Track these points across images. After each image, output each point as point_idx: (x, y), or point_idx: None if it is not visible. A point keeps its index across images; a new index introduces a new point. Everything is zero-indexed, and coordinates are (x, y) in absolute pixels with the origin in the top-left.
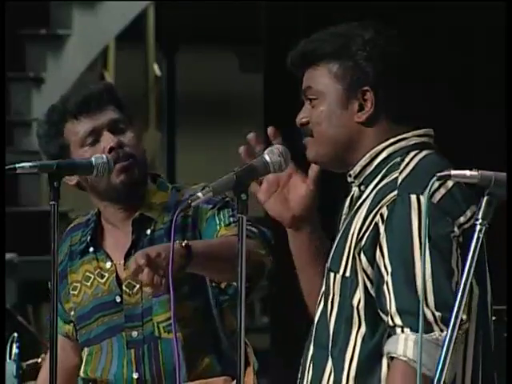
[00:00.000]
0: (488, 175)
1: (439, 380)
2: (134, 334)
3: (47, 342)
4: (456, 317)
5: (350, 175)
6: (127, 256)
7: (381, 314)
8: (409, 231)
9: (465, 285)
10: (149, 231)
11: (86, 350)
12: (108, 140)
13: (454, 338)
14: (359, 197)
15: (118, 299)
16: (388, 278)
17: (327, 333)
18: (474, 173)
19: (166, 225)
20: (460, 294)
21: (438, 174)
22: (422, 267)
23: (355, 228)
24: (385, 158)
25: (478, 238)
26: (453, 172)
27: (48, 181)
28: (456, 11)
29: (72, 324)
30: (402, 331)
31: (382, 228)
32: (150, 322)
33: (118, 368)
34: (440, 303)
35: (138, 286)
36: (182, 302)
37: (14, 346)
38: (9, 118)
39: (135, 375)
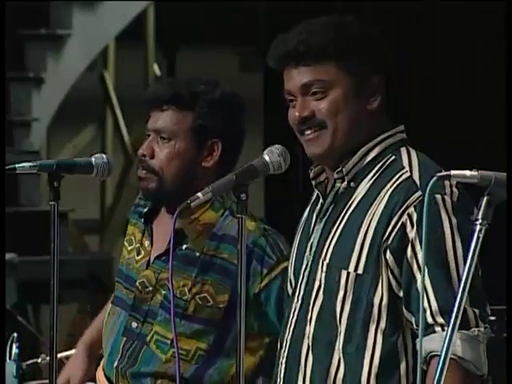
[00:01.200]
0: (488, 175)
1: (439, 380)
2: (134, 324)
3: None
4: (456, 316)
5: (339, 171)
6: (156, 258)
7: (405, 312)
8: (441, 231)
9: (465, 284)
10: (184, 247)
11: (110, 305)
12: (143, 146)
13: (453, 337)
14: (350, 193)
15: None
16: (424, 278)
17: (334, 329)
18: (474, 173)
19: (201, 257)
20: (460, 293)
21: (438, 175)
22: (455, 265)
23: (370, 226)
24: (376, 155)
25: (478, 237)
26: (453, 172)
27: (48, 181)
28: (456, 8)
29: None
30: (443, 329)
31: (410, 228)
32: (150, 325)
33: (111, 350)
34: (476, 300)
35: (150, 288)
36: (189, 337)
37: (14, 346)
38: (9, 118)
39: (115, 363)
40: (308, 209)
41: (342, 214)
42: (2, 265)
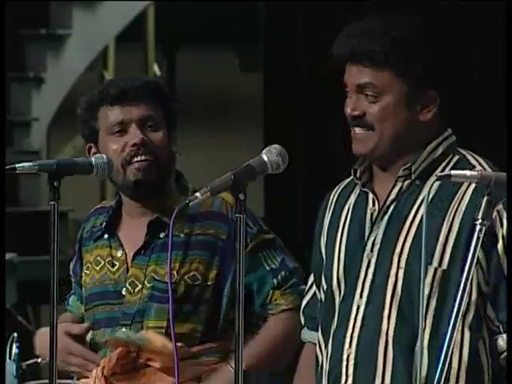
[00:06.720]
0: (488, 175)
1: (439, 380)
2: (123, 330)
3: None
4: (456, 317)
5: (406, 169)
6: (137, 254)
7: (489, 308)
8: None
9: (465, 284)
10: (162, 235)
11: (90, 333)
12: (133, 135)
13: (454, 337)
14: (417, 191)
15: (124, 292)
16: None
17: (417, 325)
18: (474, 173)
19: (184, 238)
20: (460, 293)
21: (438, 175)
22: None
23: (453, 224)
24: (441, 154)
25: (478, 237)
26: (453, 172)
27: (48, 181)
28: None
29: None
30: None
31: (499, 225)
32: (139, 323)
33: None
34: None
35: (140, 286)
36: (181, 320)
37: (14, 345)
38: (9, 118)
39: None
40: (327, 210)
41: (414, 212)
42: (2, 265)
